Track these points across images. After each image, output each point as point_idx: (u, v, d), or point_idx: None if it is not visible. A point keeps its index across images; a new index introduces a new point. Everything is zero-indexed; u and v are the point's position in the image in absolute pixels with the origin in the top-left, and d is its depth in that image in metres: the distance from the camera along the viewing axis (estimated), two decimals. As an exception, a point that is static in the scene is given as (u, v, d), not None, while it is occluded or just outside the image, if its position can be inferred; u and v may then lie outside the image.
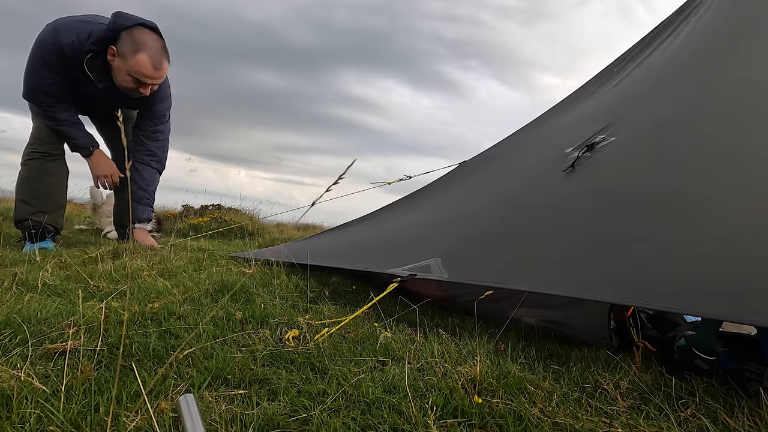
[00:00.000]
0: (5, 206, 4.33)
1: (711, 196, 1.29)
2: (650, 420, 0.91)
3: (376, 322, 1.40)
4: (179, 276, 1.81)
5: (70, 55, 2.26)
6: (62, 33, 2.24)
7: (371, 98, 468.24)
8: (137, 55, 2.26)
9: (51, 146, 2.48)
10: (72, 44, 2.25)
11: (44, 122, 2.43)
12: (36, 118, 2.49)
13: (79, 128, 2.50)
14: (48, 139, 2.47)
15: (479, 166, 2.47)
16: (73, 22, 2.30)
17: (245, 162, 48.52)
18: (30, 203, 2.46)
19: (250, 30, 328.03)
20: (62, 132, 2.45)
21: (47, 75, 2.29)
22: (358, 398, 0.91)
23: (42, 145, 2.46)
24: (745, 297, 0.99)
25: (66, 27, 2.27)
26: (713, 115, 1.59)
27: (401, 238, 2.14)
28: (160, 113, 2.66)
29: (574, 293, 1.30)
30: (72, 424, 0.75)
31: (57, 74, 2.30)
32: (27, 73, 2.34)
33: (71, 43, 2.24)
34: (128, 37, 2.26)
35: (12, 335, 1.06)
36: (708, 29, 2.02)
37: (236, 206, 5.58)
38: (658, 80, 2.00)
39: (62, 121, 2.42)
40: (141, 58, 2.27)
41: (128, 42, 2.26)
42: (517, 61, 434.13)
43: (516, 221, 1.68)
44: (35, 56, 2.29)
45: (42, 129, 2.46)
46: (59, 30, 2.25)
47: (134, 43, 2.26)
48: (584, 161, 1.67)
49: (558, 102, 2.56)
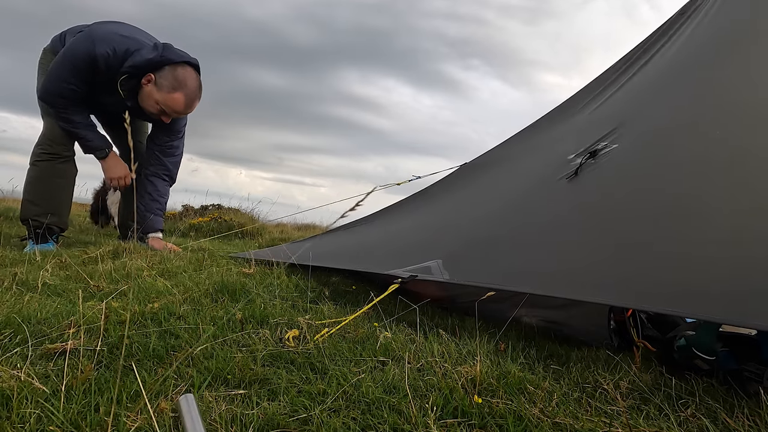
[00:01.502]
0: (5, 206, 4.33)
1: (711, 198, 1.29)
2: (650, 420, 0.91)
3: (376, 322, 1.40)
4: (179, 276, 1.81)
5: (102, 67, 2.26)
6: (98, 44, 2.24)
7: (372, 98, 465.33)
8: (174, 93, 2.31)
9: (62, 147, 2.47)
10: (107, 57, 2.25)
11: (57, 123, 2.42)
12: (47, 118, 2.47)
13: (93, 130, 2.50)
14: (59, 140, 2.45)
15: (481, 169, 2.47)
16: (111, 34, 2.30)
17: (246, 162, 48.56)
18: (37, 204, 2.46)
19: (251, 29, 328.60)
20: (77, 134, 2.44)
21: (72, 81, 2.28)
22: (358, 398, 0.91)
23: (53, 146, 2.45)
24: (746, 299, 0.99)
25: (103, 38, 2.26)
26: (713, 117, 1.59)
27: (402, 239, 2.14)
28: (176, 129, 2.68)
29: (575, 295, 1.30)
30: (72, 424, 0.75)
31: (83, 82, 2.30)
32: (51, 75, 2.32)
33: (106, 55, 2.24)
34: (171, 72, 2.30)
35: (12, 335, 1.06)
36: (710, 30, 2.02)
37: (236, 206, 5.58)
38: (660, 85, 2.00)
39: (77, 123, 2.41)
40: (177, 96, 2.32)
41: (170, 77, 2.30)
42: (520, 61, 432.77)
43: (518, 225, 1.68)
44: (65, 60, 2.28)
45: (53, 129, 2.45)
46: (96, 40, 2.25)
47: (175, 80, 2.30)
48: (587, 168, 1.67)
49: (561, 103, 2.56)
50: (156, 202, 2.70)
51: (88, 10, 19.17)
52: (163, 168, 2.70)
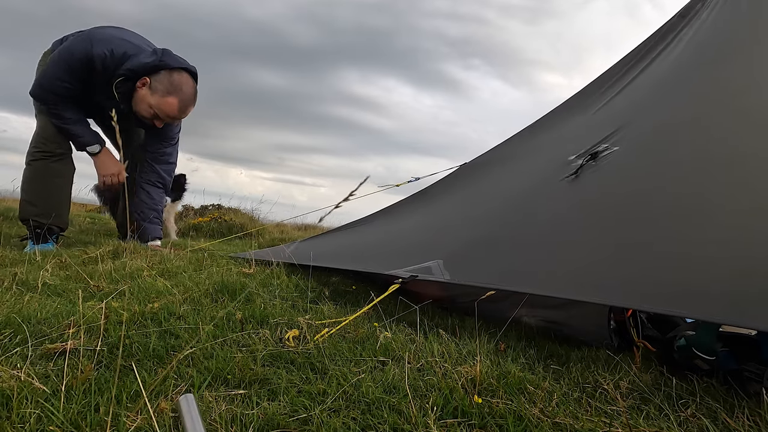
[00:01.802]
0: (5, 206, 4.32)
1: (711, 199, 1.29)
2: (650, 420, 0.91)
3: (377, 322, 1.40)
4: (179, 276, 1.81)
5: (98, 68, 2.27)
6: (96, 44, 2.25)
7: (373, 98, 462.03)
8: (168, 98, 2.31)
9: (55, 145, 2.45)
10: (104, 57, 2.25)
11: (50, 120, 2.41)
12: (40, 116, 2.47)
13: (85, 126, 2.49)
14: (52, 138, 2.44)
15: (482, 169, 2.47)
16: (110, 37, 2.31)
17: (246, 162, 48.48)
18: (34, 204, 2.46)
19: (251, 29, 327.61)
20: (68, 130, 2.43)
21: (66, 79, 2.29)
22: (358, 398, 0.91)
23: (46, 145, 2.44)
24: (746, 299, 0.99)
25: (101, 39, 2.27)
26: (714, 118, 1.59)
27: (403, 239, 2.14)
28: (169, 136, 2.68)
29: (575, 295, 1.30)
30: (72, 424, 0.75)
31: (78, 81, 2.30)
32: (46, 72, 2.33)
33: (103, 56, 2.25)
34: (167, 77, 2.30)
35: (12, 335, 1.06)
36: (712, 33, 2.02)
37: (236, 206, 5.58)
38: (661, 86, 2.00)
39: (67, 119, 2.40)
40: (171, 101, 2.31)
41: (165, 81, 2.30)
42: (521, 60, 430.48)
43: (519, 226, 1.68)
44: (61, 59, 2.29)
45: (46, 127, 2.44)
46: (94, 41, 2.26)
47: (171, 85, 2.30)
48: (588, 169, 1.67)
49: (562, 103, 2.55)
50: (153, 210, 2.70)
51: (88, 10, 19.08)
52: (156, 175, 2.70)
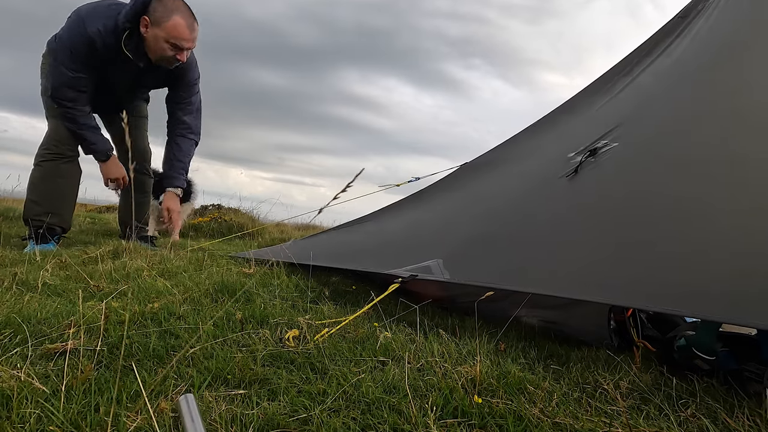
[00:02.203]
0: (5, 206, 4.32)
1: (711, 198, 1.29)
2: (650, 420, 0.91)
3: (377, 322, 1.40)
4: (179, 276, 1.81)
5: (99, 44, 2.27)
6: (89, 22, 2.25)
7: (373, 97, 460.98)
8: (172, 19, 2.28)
9: (67, 147, 2.48)
10: (99, 33, 2.25)
11: (63, 124, 2.43)
12: (52, 119, 2.49)
13: (98, 133, 2.51)
14: (65, 141, 2.47)
15: (482, 169, 2.47)
16: (97, 9, 2.30)
17: (246, 162, 48.55)
18: (39, 203, 2.47)
19: (251, 28, 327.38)
20: (82, 135, 2.46)
21: (73, 67, 2.29)
22: (358, 398, 0.91)
23: (58, 147, 2.46)
24: (746, 298, 0.99)
25: (92, 15, 2.27)
26: (715, 117, 1.59)
27: (403, 238, 2.14)
28: (190, 84, 2.65)
29: (575, 295, 1.30)
30: (72, 424, 0.75)
31: (84, 66, 2.31)
32: (53, 69, 2.33)
33: (98, 32, 2.25)
34: (159, 4, 2.28)
35: (12, 335, 1.06)
36: (713, 33, 2.02)
37: (236, 206, 5.57)
38: (662, 86, 2.00)
39: (82, 124, 2.43)
40: (177, 20, 2.29)
41: (160, 8, 2.28)
42: (522, 60, 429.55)
43: (519, 224, 1.68)
44: (61, 48, 2.29)
45: (59, 129, 2.46)
46: (85, 19, 2.25)
47: (166, 9, 2.28)
48: (587, 166, 1.67)
49: (562, 103, 2.56)
50: (180, 162, 2.68)
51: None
52: (186, 126, 2.68)
